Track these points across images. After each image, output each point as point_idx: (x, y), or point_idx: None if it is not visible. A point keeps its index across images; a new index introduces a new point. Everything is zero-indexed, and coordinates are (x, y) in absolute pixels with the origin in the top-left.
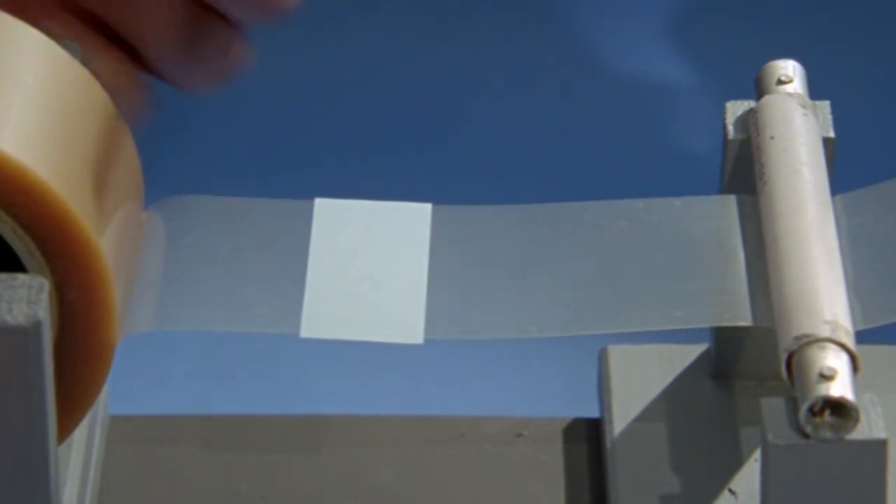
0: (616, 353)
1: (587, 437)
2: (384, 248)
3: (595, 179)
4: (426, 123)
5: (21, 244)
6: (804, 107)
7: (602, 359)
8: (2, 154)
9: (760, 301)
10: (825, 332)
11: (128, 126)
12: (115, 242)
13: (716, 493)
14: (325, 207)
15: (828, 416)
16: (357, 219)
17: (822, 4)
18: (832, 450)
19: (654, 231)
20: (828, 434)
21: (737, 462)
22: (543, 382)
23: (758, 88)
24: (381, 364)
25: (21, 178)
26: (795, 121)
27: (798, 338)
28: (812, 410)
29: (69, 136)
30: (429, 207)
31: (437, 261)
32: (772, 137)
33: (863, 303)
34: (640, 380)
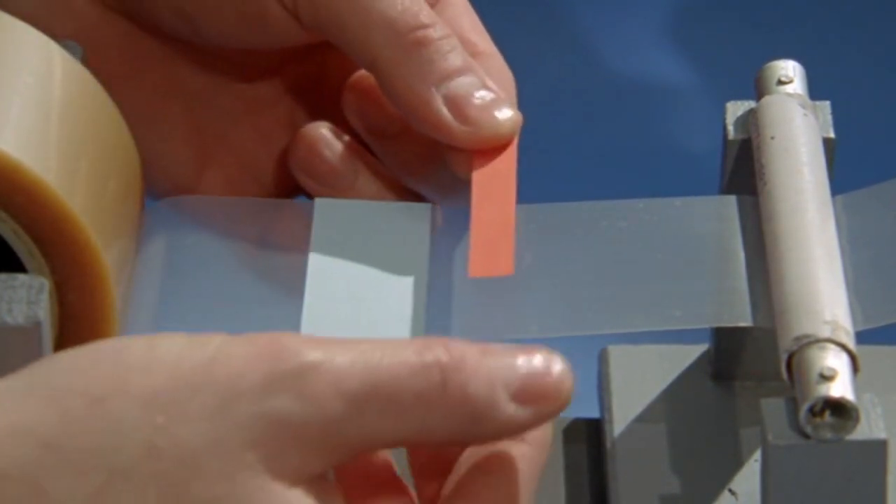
0: (616, 353)
1: (587, 437)
2: (384, 248)
3: (595, 179)
4: None
5: (21, 244)
6: (804, 107)
7: (602, 359)
8: (1, 154)
9: (760, 301)
10: (825, 333)
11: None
12: (116, 243)
13: (716, 494)
14: (326, 207)
15: (828, 417)
16: (357, 218)
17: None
18: (832, 450)
19: (654, 231)
20: (828, 434)
21: (737, 462)
22: None
23: (758, 89)
24: None
25: (21, 178)
26: (795, 121)
27: (798, 338)
28: (812, 411)
29: (69, 136)
30: (428, 207)
31: (438, 260)
32: (772, 138)
33: (863, 303)
34: (640, 380)
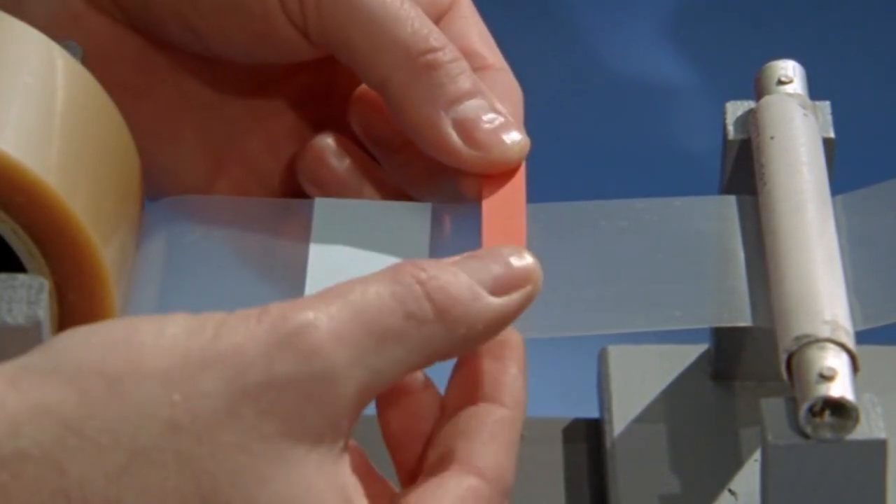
0: (616, 353)
1: (587, 437)
2: (384, 247)
3: (595, 179)
4: None
5: (21, 244)
6: (804, 107)
7: (602, 359)
8: (1, 154)
9: (760, 301)
10: (825, 333)
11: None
12: (116, 243)
13: (716, 493)
14: (326, 206)
15: (828, 417)
16: (357, 218)
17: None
18: (832, 450)
19: (654, 231)
20: (828, 434)
21: (737, 462)
22: (543, 382)
23: (758, 89)
24: None
25: (20, 178)
26: (795, 121)
27: (798, 338)
28: (812, 411)
29: (69, 136)
30: (428, 207)
31: (436, 253)
32: (772, 138)
33: (863, 303)
34: (640, 380)
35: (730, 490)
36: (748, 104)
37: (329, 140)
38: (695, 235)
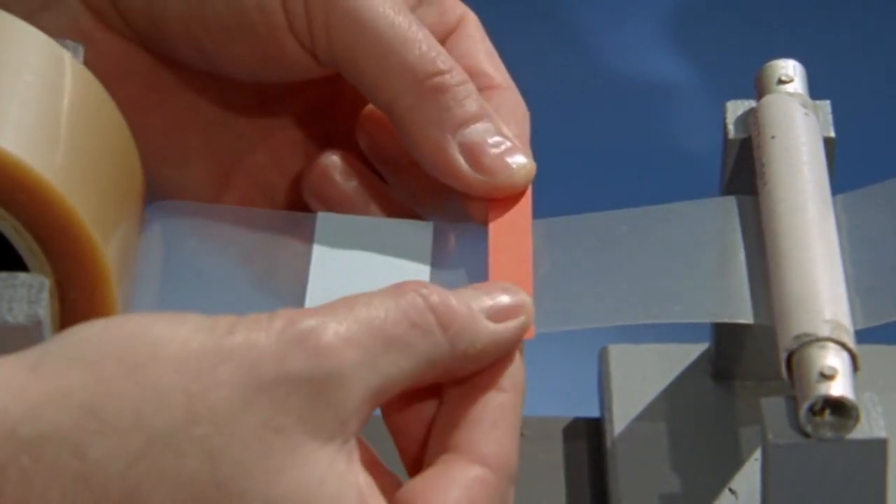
0: (616, 353)
1: (587, 437)
2: (385, 264)
3: (595, 179)
4: None
5: (22, 243)
6: (805, 106)
7: (602, 358)
8: (2, 152)
9: (761, 301)
10: (825, 332)
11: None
12: (117, 241)
13: (716, 493)
14: (328, 221)
15: (828, 416)
16: (359, 234)
17: (822, 5)
18: (832, 449)
19: (655, 232)
20: (828, 433)
21: (737, 462)
22: (544, 382)
23: (758, 88)
24: None
25: (22, 176)
26: (796, 120)
27: (798, 337)
28: (812, 410)
29: (69, 135)
30: (430, 225)
31: (439, 270)
32: (772, 137)
33: (863, 302)
34: (640, 380)
35: (730, 489)
36: (749, 103)
37: (335, 157)
38: (695, 238)
